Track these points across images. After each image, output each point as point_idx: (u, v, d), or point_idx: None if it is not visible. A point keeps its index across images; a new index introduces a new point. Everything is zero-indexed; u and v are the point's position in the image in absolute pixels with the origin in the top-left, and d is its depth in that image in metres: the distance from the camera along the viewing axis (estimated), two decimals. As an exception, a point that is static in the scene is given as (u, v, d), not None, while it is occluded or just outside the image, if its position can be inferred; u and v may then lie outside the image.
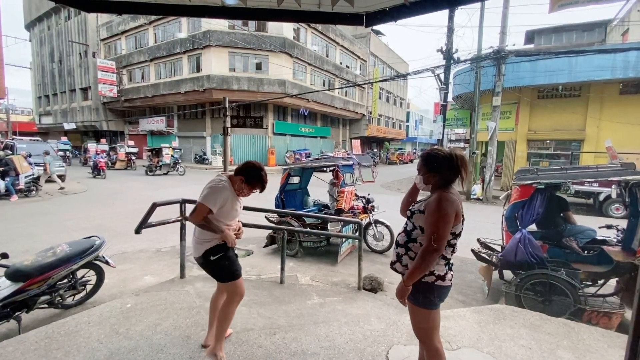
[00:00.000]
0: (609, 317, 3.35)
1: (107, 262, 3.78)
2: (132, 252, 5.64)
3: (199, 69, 23.95)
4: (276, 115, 26.27)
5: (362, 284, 4.09)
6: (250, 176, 2.25)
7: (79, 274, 3.54)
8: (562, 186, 3.92)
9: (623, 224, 4.19)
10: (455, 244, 1.78)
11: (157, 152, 19.21)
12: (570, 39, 19.58)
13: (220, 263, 2.26)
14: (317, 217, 5.54)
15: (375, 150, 38.90)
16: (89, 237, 3.67)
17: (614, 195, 8.66)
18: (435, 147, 2.03)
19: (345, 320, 2.98)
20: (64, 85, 35.34)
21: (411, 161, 38.67)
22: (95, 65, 28.82)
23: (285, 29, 23.64)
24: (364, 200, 6.19)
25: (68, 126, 30.86)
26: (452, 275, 1.80)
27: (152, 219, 3.28)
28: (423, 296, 1.77)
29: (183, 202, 3.43)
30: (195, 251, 2.31)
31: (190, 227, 4.38)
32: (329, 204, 6.45)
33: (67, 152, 23.98)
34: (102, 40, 31.10)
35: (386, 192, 14.02)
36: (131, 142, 24.53)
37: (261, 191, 2.35)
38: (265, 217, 6.11)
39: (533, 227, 4.36)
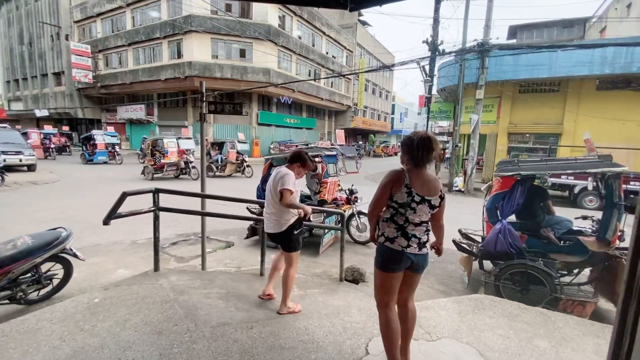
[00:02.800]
0: (583, 305, 3.43)
1: (75, 255, 3.57)
2: (106, 245, 5.40)
3: (179, 55, 23.11)
4: (260, 105, 25.79)
5: (343, 275, 4.04)
6: (305, 160, 2.91)
7: (45, 267, 3.33)
8: (539, 179, 3.97)
9: (597, 215, 4.29)
10: (405, 213, 1.98)
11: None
12: (551, 35, 19.97)
13: (296, 235, 2.83)
14: (300, 208, 5.43)
15: (360, 142, 38.93)
16: (55, 229, 3.44)
17: (590, 187, 8.95)
18: (414, 131, 2.18)
19: (326, 312, 2.92)
20: (35, 69, 33.43)
21: (395, 154, 38.78)
22: (68, 48, 27.35)
23: (270, 16, 23.05)
24: (347, 192, 6.13)
25: (40, 113, 29.36)
26: (406, 243, 1.98)
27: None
28: (377, 254, 2.07)
29: (156, 192, 3.26)
30: (276, 228, 2.79)
31: (165, 218, 4.20)
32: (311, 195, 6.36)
33: (116, 147, 18.71)
34: (76, 22, 29.50)
35: (370, 183, 14.04)
36: (111, 130, 21.85)
37: (314, 171, 3.13)
38: (247, 208, 5.97)
39: (512, 218, 4.41)
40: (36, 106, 32.59)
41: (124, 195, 2.98)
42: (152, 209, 3.25)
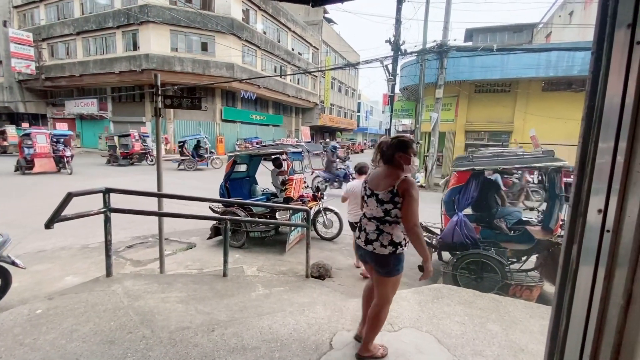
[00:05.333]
0: (530, 290, 3.71)
1: (13, 263, 3.25)
2: (52, 250, 4.97)
3: (135, 47, 21.74)
4: (225, 101, 25.04)
5: (309, 271, 4.05)
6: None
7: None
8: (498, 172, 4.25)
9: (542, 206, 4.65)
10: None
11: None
12: (503, 39, 21.28)
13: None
14: (265, 206, 5.36)
15: (327, 140, 39.16)
16: (-13, 235, 3.09)
17: (535, 181, 9.70)
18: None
19: (291, 310, 2.90)
20: (-34, 58, 29.86)
21: (362, 151, 39.48)
22: (6, 36, 24.71)
23: (233, 9, 22.37)
24: (313, 188, 6.13)
25: (-28, 107, 26.28)
26: (355, 236, 2.32)
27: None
28: (396, 263, 2.13)
29: (107, 192, 3.03)
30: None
31: (121, 219, 3.88)
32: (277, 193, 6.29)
33: (65, 150, 13.42)
34: (16, 7, 26.75)
35: (337, 180, 14.17)
36: (64, 126, 18.30)
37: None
38: (210, 207, 5.77)
39: (468, 210, 4.66)
40: (-33, 99, 29.14)
41: (69, 196, 2.74)
42: (103, 210, 3.02)
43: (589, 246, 0.86)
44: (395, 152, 2.07)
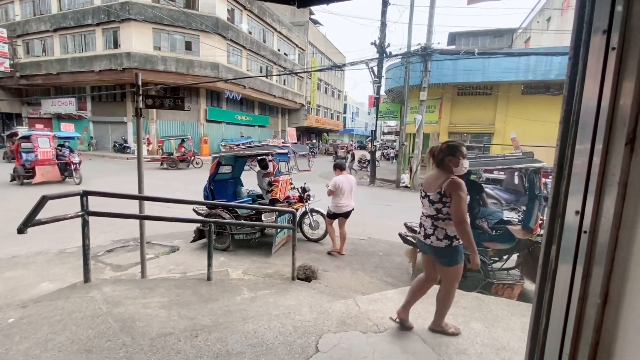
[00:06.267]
0: (512, 288, 3.80)
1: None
2: (27, 256, 4.76)
3: (116, 45, 21.16)
4: (209, 101, 24.68)
5: (295, 274, 4.02)
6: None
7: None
8: (475, 174, 4.35)
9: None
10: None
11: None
12: (484, 43, 21.87)
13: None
14: (250, 208, 5.30)
15: (314, 141, 39.17)
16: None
17: (516, 181, 9.97)
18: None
19: (276, 313, 2.86)
20: None
21: (349, 152, 39.49)
22: (-23, 31, 23.59)
23: (217, 8, 22.10)
24: (299, 190, 6.11)
25: (-60, 105, 24.94)
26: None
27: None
28: (457, 255, 2.42)
29: (84, 195, 2.92)
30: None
31: (101, 223, 3.72)
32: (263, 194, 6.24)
33: (72, 156, 11.37)
34: (-13, 2, 25.58)
35: (324, 181, 14.18)
36: (40, 127, 17.51)
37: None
38: (193, 209, 5.66)
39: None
40: None
41: (43, 199, 2.63)
42: (80, 213, 2.91)
43: (567, 247, 0.88)
44: (445, 156, 2.33)
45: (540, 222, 4.22)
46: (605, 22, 0.76)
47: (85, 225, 2.97)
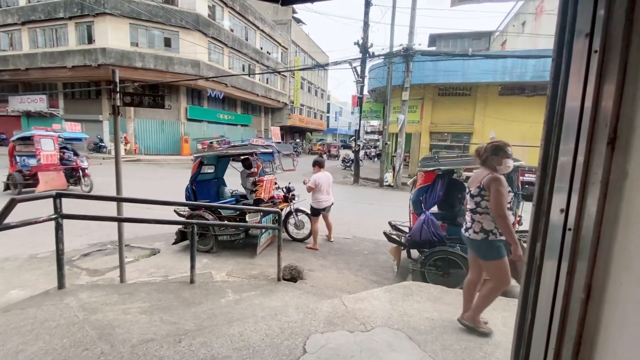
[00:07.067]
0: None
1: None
2: (-7, 262, 4.49)
3: (91, 40, 20.34)
4: (190, 100, 24.13)
5: (281, 274, 3.98)
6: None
7: None
8: (455, 172, 4.45)
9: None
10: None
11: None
12: (463, 45, 22.41)
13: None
14: (234, 209, 5.22)
15: (298, 140, 39.04)
16: None
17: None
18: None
19: (262, 315, 2.83)
20: None
21: (323, 153, 39.54)
22: (-64, 23, 22.11)
23: (198, 5, 21.63)
24: (284, 189, 6.06)
25: None
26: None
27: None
28: (499, 250, 2.53)
29: (57, 197, 2.78)
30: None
31: (75, 225, 3.55)
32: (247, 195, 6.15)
33: (82, 161, 10.08)
34: (-53, -9, 23.95)
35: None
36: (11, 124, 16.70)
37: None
38: (175, 210, 5.52)
39: (435, 208, 4.83)
40: None
41: (12, 202, 2.48)
42: (53, 216, 2.77)
43: (552, 244, 0.90)
44: (489, 155, 2.50)
45: (518, 218, 4.36)
46: (588, 26, 0.79)
47: (59, 228, 2.83)
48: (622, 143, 0.76)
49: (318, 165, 5.68)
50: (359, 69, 13.74)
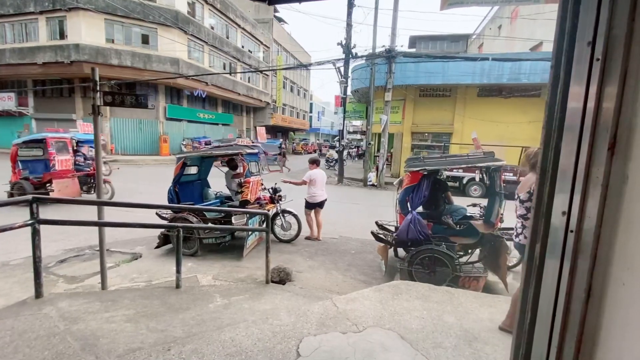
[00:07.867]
0: (477, 280, 4.02)
1: None
2: (-40, 271, 4.21)
3: (63, 36, 19.44)
4: (169, 98, 23.50)
5: (270, 277, 3.94)
6: None
7: None
8: (438, 172, 4.55)
9: (483, 202, 5.08)
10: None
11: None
12: (442, 47, 22.94)
13: None
14: (219, 211, 5.12)
15: (281, 140, 38.73)
16: None
17: (477, 179, 10.59)
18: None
19: (253, 319, 2.78)
20: None
21: (315, 151, 39.61)
22: None
23: (177, 2, 21.08)
24: (270, 190, 6.00)
25: None
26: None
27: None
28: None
29: (34, 201, 2.63)
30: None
31: (51, 230, 3.36)
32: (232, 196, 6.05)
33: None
34: None
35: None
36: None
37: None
38: (157, 213, 5.35)
39: (420, 208, 4.92)
40: None
41: (-16, 208, 2.33)
42: (30, 222, 2.62)
43: (554, 245, 0.93)
44: (537, 160, 2.45)
45: (500, 216, 4.50)
46: (591, 34, 0.81)
47: (35, 234, 2.68)
48: (622, 148, 0.79)
49: (314, 162, 6.20)
50: (342, 69, 13.80)
